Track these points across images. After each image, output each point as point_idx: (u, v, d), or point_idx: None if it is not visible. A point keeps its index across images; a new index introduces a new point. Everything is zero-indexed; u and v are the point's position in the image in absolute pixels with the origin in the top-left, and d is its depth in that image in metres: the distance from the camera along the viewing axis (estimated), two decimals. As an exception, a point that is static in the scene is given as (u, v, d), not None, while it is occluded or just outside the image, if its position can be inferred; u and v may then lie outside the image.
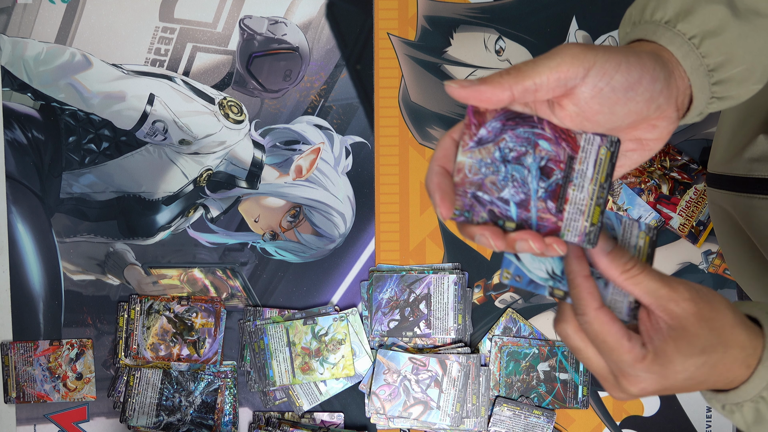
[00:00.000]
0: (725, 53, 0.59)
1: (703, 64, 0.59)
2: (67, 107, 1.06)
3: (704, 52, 0.59)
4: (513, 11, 1.05)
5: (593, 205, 0.55)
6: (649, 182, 1.05)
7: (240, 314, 1.08)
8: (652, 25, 0.60)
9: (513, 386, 1.07)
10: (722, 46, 0.59)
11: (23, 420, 1.08)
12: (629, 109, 0.56)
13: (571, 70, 0.54)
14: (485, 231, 0.55)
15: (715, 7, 0.59)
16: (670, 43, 0.59)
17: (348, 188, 1.07)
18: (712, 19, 0.59)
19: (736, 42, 0.59)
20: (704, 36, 0.59)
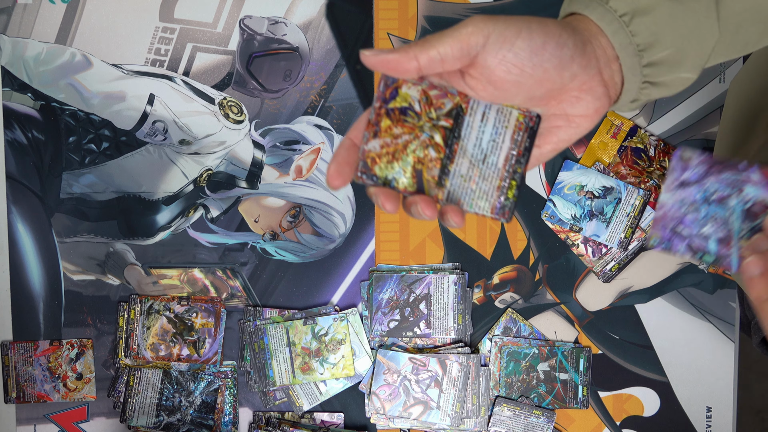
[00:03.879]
0: (655, 33, 0.59)
1: (633, 43, 0.59)
2: (67, 107, 1.06)
3: (634, 30, 0.58)
4: (513, 11, 1.05)
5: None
6: (648, 182, 1.06)
7: (240, 314, 1.08)
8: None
9: (513, 386, 1.07)
10: (652, 26, 0.59)
11: (23, 420, 1.08)
12: (538, 77, 0.57)
13: (472, 39, 0.55)
14: (379, 192, 0.59)
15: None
16: (600, 18, 0.59)
17: (348, 188, 1.07)
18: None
19: (667, 22, 0.59)
20: (635, 14, 0.58)
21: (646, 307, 1.08)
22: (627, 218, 1.05)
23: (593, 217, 1.06)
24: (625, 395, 1.09)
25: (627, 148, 1.06)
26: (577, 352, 1.07)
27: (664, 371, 1.08)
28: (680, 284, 1.07)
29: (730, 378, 1.08)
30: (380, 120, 0.59)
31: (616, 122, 1.06)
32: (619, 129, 1.06)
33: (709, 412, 1.08)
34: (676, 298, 1.08)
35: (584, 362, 1.07)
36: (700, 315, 1.08)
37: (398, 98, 0.59)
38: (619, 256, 1.06)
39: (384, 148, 0.59)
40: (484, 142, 0.60)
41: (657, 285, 1.08)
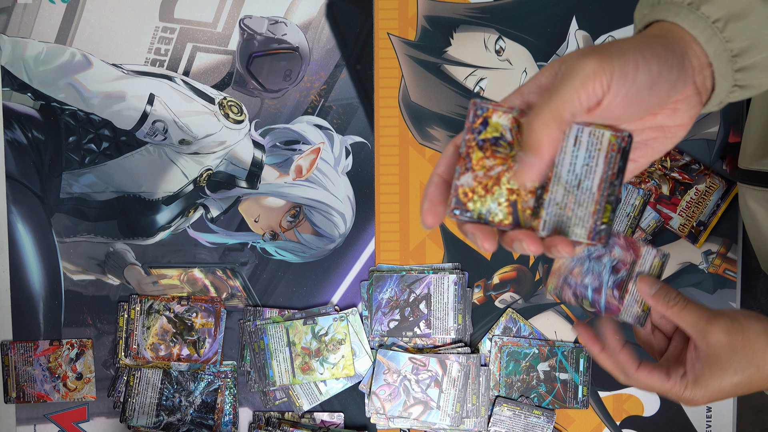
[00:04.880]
0: (750, 38, 0.56)
1: (727, 49, 0.56)
2: (67, 107, 1.06)
3: (728, 36, 0.56)
4: (513, 11, 1.05)
5: (644, 302, 0.74)
6: (649, 182, 1.05)
7: (240, 314, 1.08)
8: (674, 6, 0.57)
9: (513, 386, 1.07)
10: (747, 30, 0.56)
11: (23, 420, 1.08)
12: (653, 102, 0.55)
13: (597, 85, 0.52)
14: (476, 230, 0.57)
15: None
16: (692, 26, 0.56)
17: (348, 188, 1.07)
18: (737, 1, 0.56)
19: (763, 26, 0.57)
20: (729, 19, 0.56)
21: (646, 307, 1.08)
22: (627, 218, 1.05)
23: (593, 217, 1.06)
24: (625, 395, 1.09)
25: (627, 148, 1.06)
26: (577, 352, 1.07)
27: (664, 371, 1.08)
28: (680, 284, 1.07)
29: (730, 378, 1.08)
30: (471, 153, 0.58)
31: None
32: (619, 129, 1.06)
33: (709, 412, 1.08)
34: (676, 298, 1.07)
35: (584, 362, 1.07)
36: (700, 315, 1.08)
37: (489, 128, 0.58)
38: (619, 256, 1.06)
39: (477, 181, 0.58)
40: (578, 167, 0.58)
41: (657, 285, 1.07)
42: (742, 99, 0.61)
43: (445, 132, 1.06)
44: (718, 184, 1.05)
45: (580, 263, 0.72)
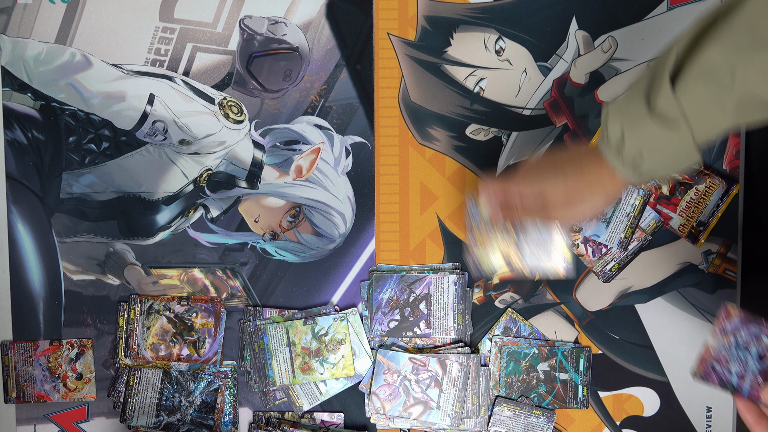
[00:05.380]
0: (641, 152, 0.78)
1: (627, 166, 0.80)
2: (67, 107, 1.06)
3: (632, 163, 0.79)
4: (513, 11, 1.05)
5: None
6: (649, 182, 1.05)
7: (240, 314, 1.08)
8: (607, 149, 0.80)
9: (513, 386, 1.07)
10: (650, 162, 0.78)
11: (23, 420, 1.08)
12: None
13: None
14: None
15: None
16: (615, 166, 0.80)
17: (348, 188, 1.07)
18: (639, 141, 0.78)
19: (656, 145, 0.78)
20: (635, 158, 0.79)
21: (646, 307, 1.08)
22: (627, 218, 1.05)
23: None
24: (625, 395, 1.09)
25: (627, 148, 1.06)
26: (577, 352, 1.07)
27: (664, 371, 1.08)
28: (680, 284, 1.07)
29: (730, 378, 1.08)
30: (473, 231, 0.94)
31: (616, 122, 1.05)
32: (619, 129, 1.06)
33: (709, 412, 1.08)
34: (676, 298, 1.08)
35: (584, 362, 1.07)
36: (700, 315, 1.08)
37: (480, 215, 0.95)
38: (619, 256, 1.06)
39: (481, 246, 0.95)
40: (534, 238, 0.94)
41: (657, 285, 1.08)
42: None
43: (445, 132, 1.06)
44: (718, 184, 1.05)
45: (727, 350, 0.80)
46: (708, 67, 0.73)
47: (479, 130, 1.06)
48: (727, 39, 0.73)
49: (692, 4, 1.05)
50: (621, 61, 1.05)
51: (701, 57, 0.73)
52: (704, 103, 0.74)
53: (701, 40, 0.75)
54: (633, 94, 0.78)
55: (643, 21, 1.05)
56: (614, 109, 0.79)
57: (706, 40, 0.74)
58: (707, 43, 0.73)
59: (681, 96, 0.75)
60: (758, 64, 0.72)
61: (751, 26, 0.72)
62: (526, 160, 0.87)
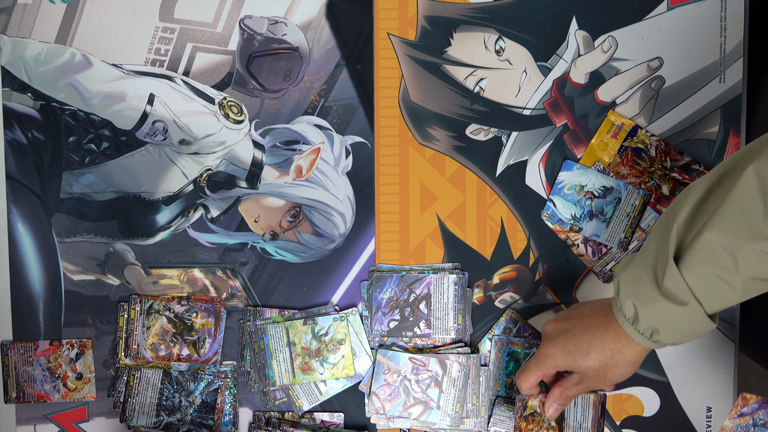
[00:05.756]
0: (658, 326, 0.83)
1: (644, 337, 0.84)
2: (67, 107, 1.06)
3: (652, 337, 0.84)
4: (513, 11, 1.05)
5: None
6: (649, 182, 1.05)
7: (240, 314, 1.08)
8: (622, 318, 0.84)
9: (513, 386, 1.07)
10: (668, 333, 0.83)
11: (23, 420, 1.08)
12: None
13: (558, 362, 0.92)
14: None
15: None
16: (631, 333, 0.84)
17: (348, 188, 1.07)
18: (658, 317, 0.82)
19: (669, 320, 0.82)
20: (653, 330, 0.83)
21: (646, 307, 1.08)
22: (627, 218, 1.05)
23: (593, 217, 1.06)
24: (625, 395, 1.09)
25: (627, 148, 1.06)
26: (577, 352, 1.07)
27: (664, 371, 1.08)
28: (680, 284, 1.07)
29: (730, 378, 1.08)
30: (520, 425, 0.96)
31: (617, 122, 1.06)
32: (620, 129, 1.06)
33: (709, 412, 1.08)
34: (676, 298, 1.07)
35: (584, 362, 1.07)
36: (700, 315, 1.07)
37: (528, 409, 0.96)
38: (619, 256, 1.06)
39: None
40: (578, 418, 0.98)
41: (657, 285, 1.07)
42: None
43: (445, 132, 1.06)
44: (718, 184, 1.05)
45: (745, 430, 0.80)
46: (709, 252, 0.76)
47: (479, 130, 1.06)
48: (724, 225, 0.76)
49: (692, 4, 1.05)
50: (621, 61, 1.05)
51: (701, 241, 0.77)
52: (713, 284, 0.77)
53: (698, 218, 0.78)
54: (641, 269, 0.81)
55: (643, 21, 1.05)
56: (624, 283, 0.83)
57: (705, 223, 0.77)
58: (706, 227, 0.77)
59: (688, 277, 0.78)
60: (758, 251, 0.75)
61: (745, 215, 0.75)
62: (546, 333, 0.93)
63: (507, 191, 1.07)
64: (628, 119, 1.06)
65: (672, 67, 1.05)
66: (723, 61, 1.05)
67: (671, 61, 1.05)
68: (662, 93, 1.06)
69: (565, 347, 0.88)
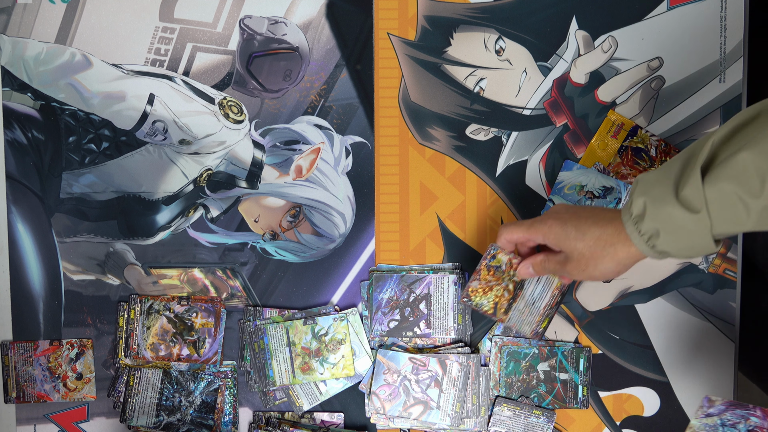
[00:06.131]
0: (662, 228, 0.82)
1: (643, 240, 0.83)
2: (67, 107, 1.06)
3: (652, 243, 0.82)
4: (513, 11, 1.05)
5: None
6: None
7: (240, 314, 1.08)
8: (627, 218, 0.83)
9: (513, 386, 1.07)
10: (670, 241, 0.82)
11: (23, 420, 1.08)
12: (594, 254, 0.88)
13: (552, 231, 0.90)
14: None
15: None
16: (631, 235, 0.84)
17: (348, 188, 1.07)
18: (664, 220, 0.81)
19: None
20: (654, 233, 0.82)
21: (646, 307, 1.08)
22: (627, 218, 1.05)
23: (593, 217, 1.06)
24: (625, 395, 1.09)
25: (627, 148, 1.06)
26: (577, 352, 1.07)
27: (664, 371, 1.08)
28: (680, 284, 1.07)
29: (730, 378, 1.08)
30: (481, 270, 0.97)
31: (617, 122, 1.05)
32: (620, 129, 1.06)
33: (709, 412, 1.08)
34: (676, 298, 1.08)
35: (584, 362, 1.07)
36: (700, 315, 1.08)
37: (495, 260, 0.97)
38: (619, 256, 1.06)
39: (480, 286, 0.98)
40: (536, 294, 1.00)
41: (657, 285, 1.08)
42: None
43: (445, 132, 1.06)
44: (718, 184, 1.05)
45: (713, 429, 0.80)
46: (740, 170, 0.76)
47: (479, 130, 1.06)
48: (763, 147, 0.75)
49: (692, 4, 1.05)
50: (621, 61, 1.05)
51: (735, 158, 0.76)
52: (730, 202, 0.77)
53: (738, 137, 0.77)
54: (664, 174, 0.81)
55: (643, 21, 1.05)
56: (643, 183, 0.82)
57: (743, 142, 0.76)
58: (744, 145, 0.76)
59: (708, 190, 0.77)
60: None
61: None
62: (551, 208, 0.91)
63: (507, 191, 1.07)
64: (628, 119, 1.06)
65: (672, 67, 1.05)
66: (723, 61, 1.05)
67: (671, 61, 1.05)
68: (662, 93, 1.06)
69: (564, 223, 0.88)
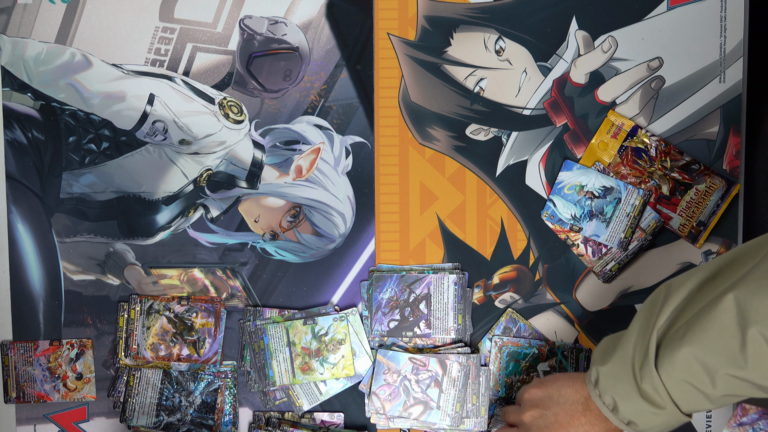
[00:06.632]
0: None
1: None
2: (67, 107, 1.06)
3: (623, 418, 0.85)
4: (513, 11, 1.05)
5: None
6: (649, 182, 1.06)
7: (240, 314, 1.08)
8: (598, 399, 0.86)
9: (513, 386, 1.07)
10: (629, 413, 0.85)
11: (23, 420, 1.08)
12: None
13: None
14: None
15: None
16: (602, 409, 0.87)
17: (348, 188, 1.07)
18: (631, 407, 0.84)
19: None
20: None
21: (646, 307, 1.08)
22: (627, 218, 1.05)
23: (593, 217, 1.06)
24: (625, 395, 1.09)
25: (627, 148, 1.06)
26: (577, 352, 1.07)
27: (664, 371, 1.08)
28: (680, 284, 1.07)
29: (730, 378, 1.08)
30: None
31: (617, 122, 1.06)
32: (620, 129, 1.06)
33: (709, 412, 1.08)
34: (676, 298, 1.07)
35: (584, 362, 1.07)
36: (700, 315, 1.07)
37: None
38: (619, 256, 1.06)
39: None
40: None
41: (657, 285, 1.07)
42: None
43: (445, 132, 1.06)
44: (718, 184, 1.05)
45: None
46: (688, 366, 0.79)
47: (479, 130, 1.06)
48: (702, 343, 0.78)
49: (692, 4, 1.05)
50: (621, 61, 1.05)
51: (680, 355, 0.78)
52: (689, 393, 0.80)
53: (677, 322, 0.80)
54: (621, 367, 0.83)
55: (643, 21, 1.05)
56: (605, 379, 0.85)
57: (684, 335, 0.79)
58: (685, 340, 0.78)
59: (667, 383, 0.80)
60: (735, 377, 0.77)
61: (723, 341, 0.77)
62: (525, 390, 0.94)
63: (507, 191, 1.07)
64: (628, 119, 1.06)
65: (672, 67, 1.05)
66: (723, 61, 1.05)
67: (671, 61, 1.05)
68: (662, 93, 1.06)
69: (539, 405, 0.91)
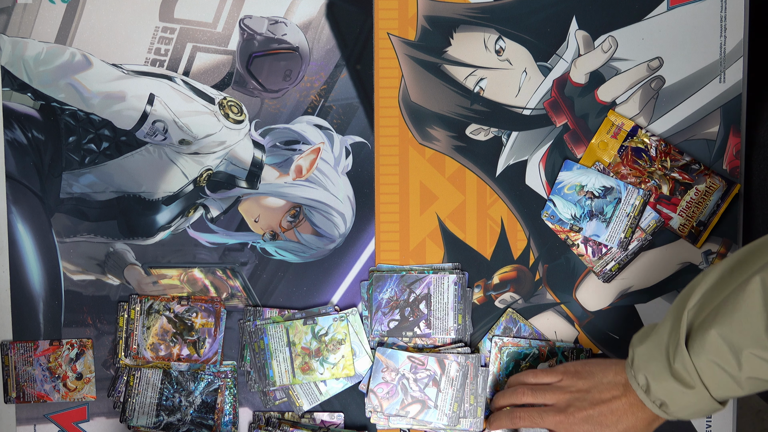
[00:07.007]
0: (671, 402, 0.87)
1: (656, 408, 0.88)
2: (67, 107, 1.06)
3: (663, 411, 0.88)
4: (513, 11, 1.05)
5: None
6: (649, 182, 1.06)
7: (240, 314, 1.08)
8: (639, 389, 0.88)
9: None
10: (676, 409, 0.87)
11: (23, 420, 1.08)
12: None
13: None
14: None
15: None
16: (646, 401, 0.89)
17: (348, 188, 1.07)
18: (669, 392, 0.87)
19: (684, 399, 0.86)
20: (663, 402, 0.87)
21: (646, 307, 1.08)
22: (627, 218, 1.05)
23: (593, 217, 1.06)
24: (625, 395, 1.09)
25: (627, 148, 1.06)
26: (577, 353, 1.07)
27: (664, 371, 1.08)
28: (680, 284, 1.07)
29: (730, 378, 1.08)
30: None
31: (617, 122, 1.06)
32: (620, 129, 1.06)
33: (709, 412, 1.08)
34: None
35: (584, 362, 1.07)
36: (700, 315, 1.07)
37: None
38: (619, 256, 1.06)
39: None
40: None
41: (657, 285, 1.08)
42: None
43: (445, 132, 1.06)
44: (718, 184, 1.05)
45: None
46: (715, 347, 0.81)
47: (479, 130, 1.06)
48: (729, 323, 0.80)
49: (692, 4, 1.05)
50: (621, 61, 1.05)
51: (709, 336, 0.81)
52: (719, 375, 0.82)
53: (707, 305, 0.82)
54: (655, 346, 0.86)
55: (643, 21, 1.05)
56: (639, 359, 0.87)
57: (713, 316, 0.81)
58: (714, 322, 0.81)
59: (697, 362, 0.82)
60: (759, 357, 0.79)
61: (749, 321, 0.79)
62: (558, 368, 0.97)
63: (507, 191, 1.07)
64: (628, 119, 1.06)
65: (672, 67, 1.05)
66: (723, 61, 1.05)
67: (671, 61, 1.05)
68: (662, 93, 1.06)
69: (574, 384, 0.94)
